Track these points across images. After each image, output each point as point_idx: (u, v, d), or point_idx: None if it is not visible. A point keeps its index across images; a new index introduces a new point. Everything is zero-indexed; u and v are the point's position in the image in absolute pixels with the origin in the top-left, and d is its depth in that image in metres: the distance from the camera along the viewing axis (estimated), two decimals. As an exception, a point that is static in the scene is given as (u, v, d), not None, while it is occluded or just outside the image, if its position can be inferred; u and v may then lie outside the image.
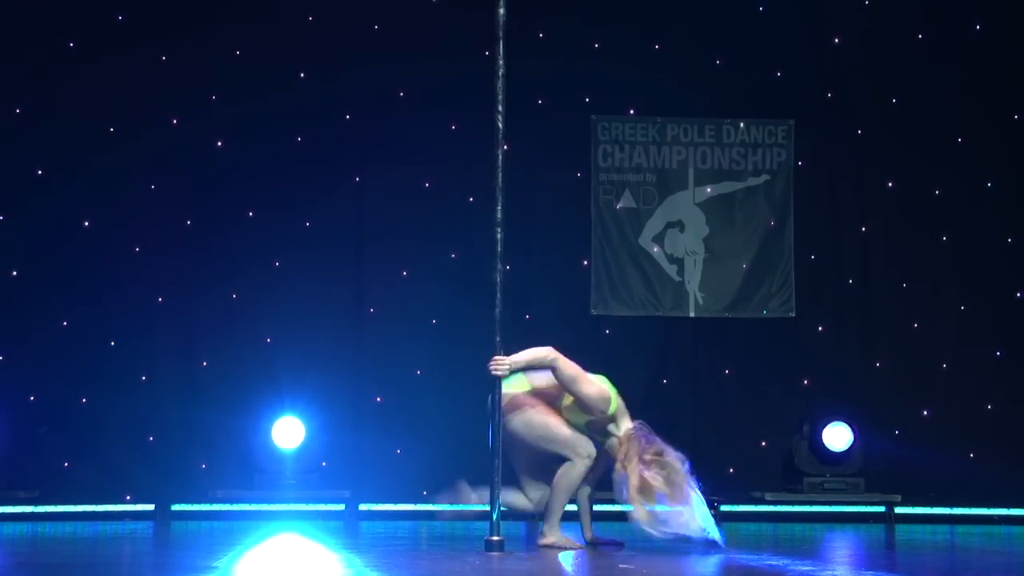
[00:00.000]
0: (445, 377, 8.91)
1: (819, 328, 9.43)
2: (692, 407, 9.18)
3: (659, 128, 9.48)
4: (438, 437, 8.82)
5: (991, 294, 9.41)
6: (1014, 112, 9.48)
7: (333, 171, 9.16)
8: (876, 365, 9.38)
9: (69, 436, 8.79)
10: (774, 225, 9.46)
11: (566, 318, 9.07)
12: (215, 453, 8.85)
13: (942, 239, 9.47)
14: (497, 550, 5.86)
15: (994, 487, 8.90)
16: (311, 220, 9.16)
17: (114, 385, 8.84)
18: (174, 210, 9.04)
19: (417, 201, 9.17)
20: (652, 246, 9.42)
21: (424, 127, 9.19)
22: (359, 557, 5.71)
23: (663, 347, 9.35)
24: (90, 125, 8.96)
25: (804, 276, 9.42)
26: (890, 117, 9.47)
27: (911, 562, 6.27)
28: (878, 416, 9.17)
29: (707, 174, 9.49)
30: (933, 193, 9.50)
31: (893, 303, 9.42)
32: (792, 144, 9.50)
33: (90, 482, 8.63)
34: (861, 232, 9.49)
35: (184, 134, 9.07)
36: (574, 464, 5.91)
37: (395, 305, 9.13)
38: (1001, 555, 6.83)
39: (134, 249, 9.03)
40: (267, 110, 9.08)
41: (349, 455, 8.89)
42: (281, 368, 8.87)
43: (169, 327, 8.98)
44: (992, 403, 9.33)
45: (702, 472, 8.91)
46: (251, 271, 9.06)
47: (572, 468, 5.93)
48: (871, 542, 7.47)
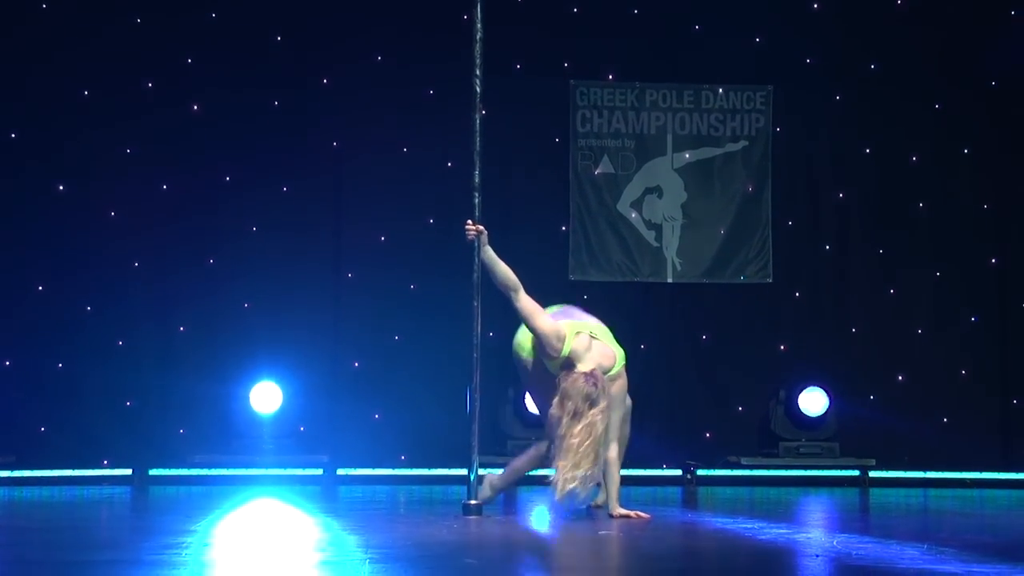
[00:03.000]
0: (423, 342, 8.92)
1: (796, 294, 9.47)
2: (669, 372, 9.22)
3: (638, 93, 9.47)
4: (416, 402, 8.84)
5: (966, 260, 9.46)
6: (991, 79, 9.50)
7: (310, 136, 9.13)
8: (852, 331, 9.43)
9: (46, 401, 8.77)
10: (752, 191, 9.48)
11: (544, 283, 8.97)
12: (193, 418, 8.85)
13: (919, 205, 9.50)
14: (475, 514, 5.89)
15: (967, 451, 8.98)
16: (288, 185, 9.13)
17: (91, 350, 8.81)
18: (150, 175, 8.99)
19: (395, 166, 9.15)
20: (630, 212, 9.43)
21: (402, 92, 9.16)
22: (337, 521, 5.73)
23: (641, 313, 9.37)
24: (64, 89, 8.90)
25: (781, 242, 9.45)
26: (868, 84, 9.49)
27: (884, 525, 6.33)
28: (853, 381, 9.23)
29: (685, 140, 9.49)
30: (910, 160, 9.53)
31: (869, 269, 9.46)
32: (770, 110, 9.50)
33: (67, 447, 8.62)
34: (838, 198, 9.52)
35: (159, 98, 9.01)
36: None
37: (373, 270, 9.13)
38: (973, 517, 6.90)
39: (110, 214, 8.99)
40: (243, 74, 9.03)
41: (327, 420, 8.90)
42: (259, 333, 8.86)
43: (146, 292, 8.95)
44: (966, 368, 9.40)
45: (679, 437, 9.06)
46: (228, 236, 9.03)
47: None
48: (845, 505, 7.54)
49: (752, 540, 5.11)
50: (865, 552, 4.71)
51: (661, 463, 8.76)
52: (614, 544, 5.12)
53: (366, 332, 9.08)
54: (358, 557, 4.39)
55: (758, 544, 5.02)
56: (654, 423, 8.76)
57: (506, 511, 6.59)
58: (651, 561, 4.61)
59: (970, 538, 5.38)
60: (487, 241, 5.93)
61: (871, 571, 4.19)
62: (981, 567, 4.21)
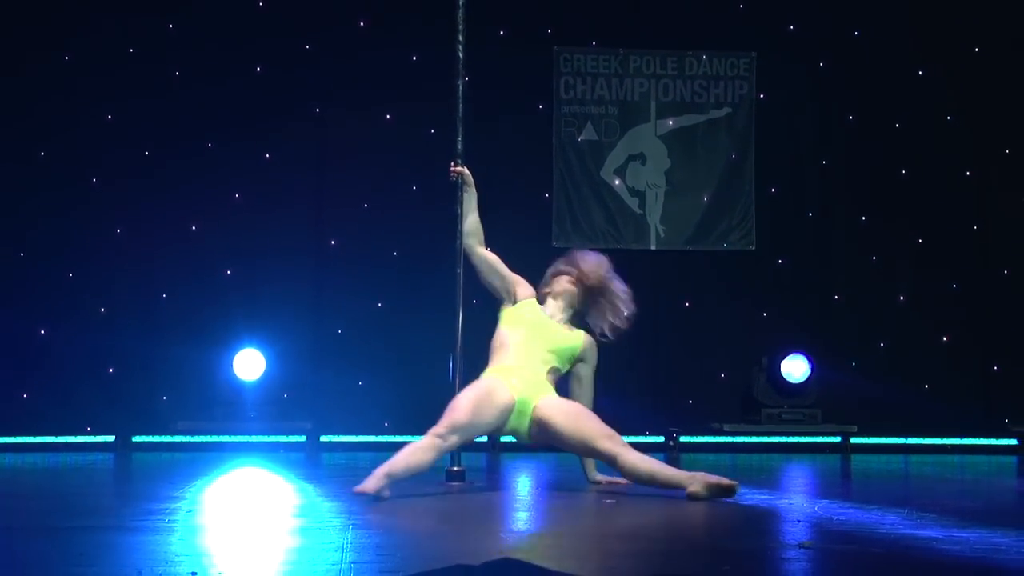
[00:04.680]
0: (406, 309, 8.92)
1: (778, 261, 9.49)
2: (652, 339, 9.23)
3: (621, 60, 9.45)
4: (399, 369, 8.85)
5: (948, 228, 9.49)
6: (974, 45, 9.51)
7: (293, 102, 9.10)
8: (834, 298, 9.46)
9: (28, 368, 8.75)
10: (735, 158, 9.48)
11: (527, 250, 8.98)
12: (176, 385, 8.85)
13: (901, 172, 9.52)
14: (458, 480, 5.90)
15: (947, 418, 9.04)
16: (271, 152, 9.10)
17: (73, 317, 8.80)
18: (132, 141, 8.96)
19: (378, 133, 9.13)
20: (614, 179, 9.43)
21: (385, 58, 9.13)
22: (319, 487, 5.74)
23: (624, 279, 9.33)
24: (45, 54, 8.84)
25: (764, 209, 9.46)
26: (851, 50, 9.48)
27: (865, 490, 6.37)
28: (835, 348, 9.27)
29: (669, 106, 9.48)
30: (893, 126, 9.54)
31: (852, 236, 9.49)
32: (754, 77, 9.50)
33: (50, 414, 8.61)
34: (821, 165, 9.54)
35: (141, 64, 8.97)
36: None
37: (356, 237, 9.12)
38: (953, 483, 6.95)
39: (91, 180, 8.95)
40: (225, 39, 8.99)
41: (310, 387, 8.91)
42: (241, 300, 8.85)
43: (128, 259, 8.93)
44: (947, 335, 9.44)
45: (662, 403, 9.10)
46: (210, 203, 9.01)
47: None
48: (827, 471, 7.58)
49: (734, 505, 5.13)
50: (846, 517, 4.74)
51: (644, 430, 8.79)
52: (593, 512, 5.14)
53: (349, 299, 9.08)
54: (340, 523, 4.40)
55: (740, 509, 5.04)
56: (637, 390, 8.79)
57: (489, 479, 6.62)
58: (634, 527, 4.63)
59: (950, 503, 5.42)
60: (472, 182, 5.95)
61: (852, 536, 4.22)
62: (961, 532, 4.24)
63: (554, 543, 4.22)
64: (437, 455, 5.36)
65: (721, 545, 4.15)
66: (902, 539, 4.13)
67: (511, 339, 5.70)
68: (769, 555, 3.89)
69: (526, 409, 5.50)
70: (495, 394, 5.47)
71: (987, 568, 3.58)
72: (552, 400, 5.57)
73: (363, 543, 3.96)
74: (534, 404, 5.51)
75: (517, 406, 5.49)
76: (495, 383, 5.52)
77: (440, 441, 5.34)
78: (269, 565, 3.59)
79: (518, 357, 5.63)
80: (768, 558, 3.83)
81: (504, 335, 5.73)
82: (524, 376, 5.57)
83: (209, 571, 3.38)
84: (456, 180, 5.98)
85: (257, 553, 3.83)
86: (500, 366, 5.62)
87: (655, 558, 3.84)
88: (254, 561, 3.67)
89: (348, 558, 3.61)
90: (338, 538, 4.02)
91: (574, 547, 4.15)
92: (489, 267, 5.87)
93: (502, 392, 5.48)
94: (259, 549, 3.92)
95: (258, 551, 3.87)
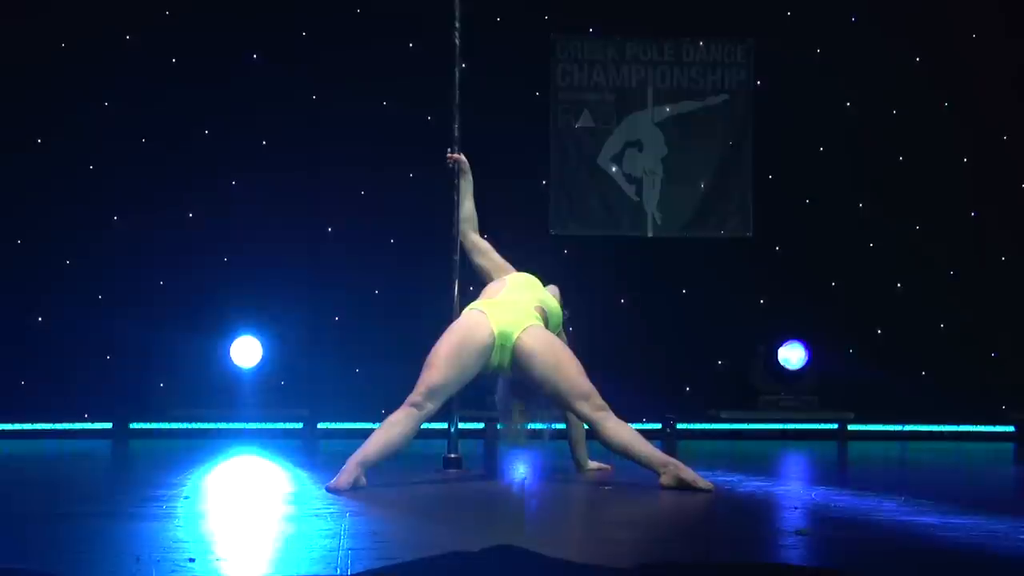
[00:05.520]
0: (403, 296, 8.92)
1: (776, 248, 9.48)
2: (649, 326, 9.22)
3: (618, 47, 9.43)
4: (396, 356, 8.81)
5: (946, 214, 9.48)
6: (972, 31, 9.49)
7: (289, 89, 9.07)
8: (831, 285, 9.46)
9: (25, 355, 8.74)
10: (733, 145, 9.47)
11: (524, 238, 9.00)
12: (173, 372, 8.83)
13: (899, 159, 9.52)
14: (455, 467, 5.91)
15: (945, 404, 9.04)
16: (267, 139, 9.09)
17: (70, 303, 8.78)
18: (128, 127, 8.94)
19: (374, 120, 9.10)
20: (611, 166, 9.42)
21: (381, 45, 9.10)
22: (316, 474, 5.75)
23: (621, 267, 9.37)
24: (41, 41, 8.81)
25: (762, 196, 9.45)
26: (849, 37, 9.46)
27: (862, 477, 6.39)
28: (833, 335, 9.26)
29: (666, 93, 9.46)
30: (891, 113, 9.52)
31: (849, 223, 9.48)
32: (752, 63, 9.48)
33: (47, 400, 8.61)
34: (819, 152, 9.52)
35: (138, 51, 8.94)
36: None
37: (352, 224, 9.10)
38: (950, 470, 6.96)
39: (88, 167, 8.94)
40: (222, 26, 8.95)
41: (307, 374, 8.89)
42: (238, 287, 8.84)
43: (125, 245, 8.91)
44: (944, 322, 9.44)
45: (659, 390, 9.09)
46: (207, 190, 8.98)
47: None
48: (824, 458, 7.59)
49: (731, 493, 5.14)
50: (843, 504, 4.74)
51: (640, 417, 8.78)
52: (590, 499, 5.15)
53: (346, 286, 9.07)
54: (336, 510, 4.40)
55: (737, 496, 5.05)
56: (633, 377, 8.78)
57: (486, 466, 6.62)
58: (631, 514, 4.63)
59: (947, 490, 5.43)
60: (468, 169, 5.95)
61: (849, 523, 4.23)
62: (958, 519, 4.25)
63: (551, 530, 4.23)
64: (415, 425, 5.15)
65: (718, 532, 4.15)
66: (899, 526, 4.14)
67: (499, 283, 5.62)
68: (766, 542, 3.89)
69: (507, 343, 5.26)
70: (473, 334, 5.24)
71: (984, 555, 3.59)
72: (537, 331, 5.32)
73: (359, 530, 3.96)
74: (516, 335, 5.28)
75: (497, 340, 5.24)
76: (473, 320, 5.30)
77: (416, 410, 5.16)
78: (266, 551, 3.60)
79: (506, 293, 5.50)
80: (765, 545, 3.83)
81: (498, 280, 5.67)
82: (508, 307, 5.37)
83: (207, 557, 3.38)
84: (453, 167, 5.99)
85: (254, 539, 3.83)
86: (484, 300, 5.50)
87: (652, 545, 3.85)
88: (251, 547, 3.67)
89: (345, 545, 3.61)
90: (335, 525, 4.02)
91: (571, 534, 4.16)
92: (480, 252, 5.88)
93: (481, 330, 5.24)
94: (256, 535, 3.92)
95: (255, 537, 3.88)
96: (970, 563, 3.49)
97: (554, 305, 5.63)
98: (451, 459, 5.93)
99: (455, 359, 5.21)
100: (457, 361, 5.21)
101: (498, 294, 5.52)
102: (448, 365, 5.20)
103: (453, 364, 5.21)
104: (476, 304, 5.46)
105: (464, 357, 5.22)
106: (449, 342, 5.26)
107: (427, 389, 5.18)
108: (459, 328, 5.32)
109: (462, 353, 5.22)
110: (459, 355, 5.22)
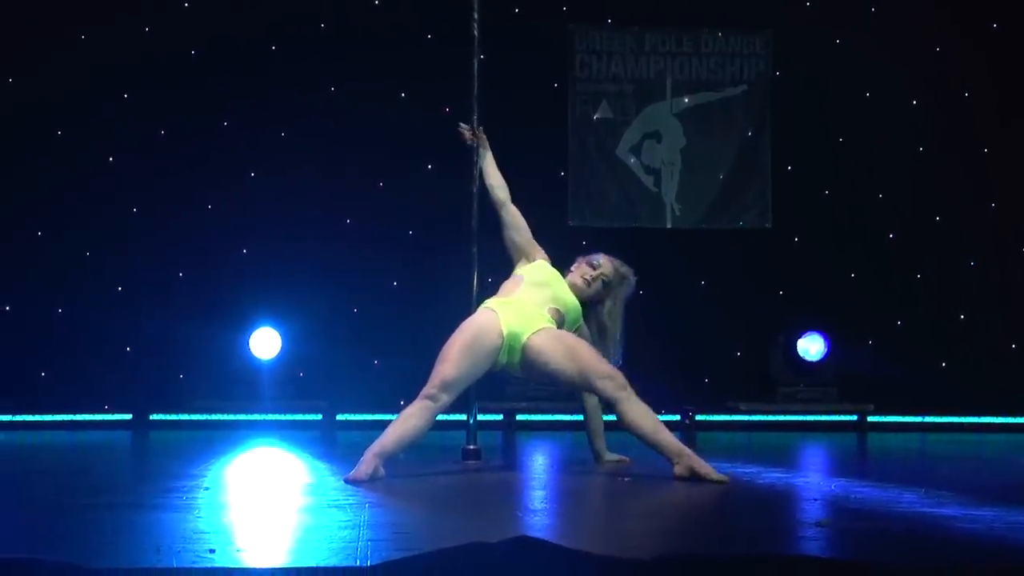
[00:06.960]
0: (421, 287, 8.93)
1: (795, 239, 9.47)
2: (668, 318, 9.21)
3: (637, 37, 9.42)
4: (414, 347, 8.81)
5: (966, 205, 9.45)
6: (993, 21, 9.44)
7: (308, 81, 9.09)
8: (851, 276, 9.43)
9: (46, 347, 8.79)
10: (751, 136, 9.45)
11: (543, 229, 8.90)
12: (192, 364, 8.87)
13: (918, 149, 9.48)
14: (474, 459, 5.91)
15: (965, 395, 9.01)
16: (286, 131, 9.10)
17: (90, 295, 8.83)
18: (148, 120, 8.97)
19: (393, 111, 9.11)
20: (629, 157, 9.40)
21: (400, 36, 9.11)
22: (336, 466, 5.76)
23: (640, 258, 9.26)
24: (62, 33, 8.85)
25: (781, 187, 9.43)
26: (868, 27, 9.43)
27: (882, 469, 6.37)
28: (852, 326, 9.24)
29: (685, 84, 9.45)
30: (910, 103, 9.49)
31: (869, 214, 9.45)
32: (770, 54, 9.45)
33: (67, 392, 8.65)
34: (838, 143, 9.49)
35: (157, 44, 8.97)
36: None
37: (371, 216, 9.11)
38: (970, 461, 6.93)
39: (108, 159, 8.98)
40: (241, 18, 8.97)
41: (326, 366, 8.92)
42: (257, 279, 8.86)
43: (145, 238, 8.95)
44: (964, 313, 9.41)
45: (678, 382, 9.08)
46: (226, 182, 9.02)
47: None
48: (843, 450, 7.57)
49: (751, 484, 5.13)
50: (863, 495, 4.73)
51: (659, 408, 8.71)
52: (609, 490, 5.15)
53: (364, 278, 9.09)
54: (356, 501, 4.41)
55: (756, 488, 5.04)
56: (653, 368, 8.76)
57: (505, 457, 6.63)
58: (650, 505, 4.63)
59: (968, 481, 5.41)
60: (487, 144, 5.94)
61: (869, 515, 4.22)
62: (979, 510, 4.23)
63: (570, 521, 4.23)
64: (431, 417, 5.22)
65: (737, 523, 4.15)
66: (920, 517, 4.12)
67: (517, 281, 5.63)
68: (786, 533, 3.89)
69: (516, 344, 5.34)
70: (484, 333, 5.32)
71: (1005, 546, 3.58)
72: (545, 333, 5.39)
73: (379, 521, 3.97)
74: (525, 338, 5.35)
75: (506, 340, 5.33)
76: (484, 319, 5.38)
77: (431, 403, 5.22)
78: (286, 542, 3.61)
79: (521, 293, 5.54)
80: (785, 536, 3.83)
81: (514, 278, 5.70)
82: (519, 309, 5.43)
83: (227, 548, 3.39)
84: (472, 144, 5.98)
85: (274, 530, 3.84)
86: (498, 299, 5.54)
87: (671, 536, 3.84)
88: (271, 538, 3.68)
89: (365, 536, 3.62)
90: (355, 516, 4.03)
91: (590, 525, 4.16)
92: (515, 228, 5.84)
93: (491, 329, 5.33)
94: (276, 527, 3.93)
95: (275, 528, 3.89)
96: (991, 554, 3.48)
97: (572, 302, 5.65)
98: (470, 450, 5.94)
99: (467, 355, 5.28)
100: (469, 357, 5.29)
101: (513, 293, 5.54)
102: (460, 359, 5.27)
103: (465, 359, 5.28)
104: (489, 302, 5.50)
105: (475, 354, 5.32)
106: (461, 339, 5.34)
107: (441, 382, 5.23)
108: (471, 326, 5.39)
109: (473, 350, 5.31)
110: (470, 352, 5.30)
